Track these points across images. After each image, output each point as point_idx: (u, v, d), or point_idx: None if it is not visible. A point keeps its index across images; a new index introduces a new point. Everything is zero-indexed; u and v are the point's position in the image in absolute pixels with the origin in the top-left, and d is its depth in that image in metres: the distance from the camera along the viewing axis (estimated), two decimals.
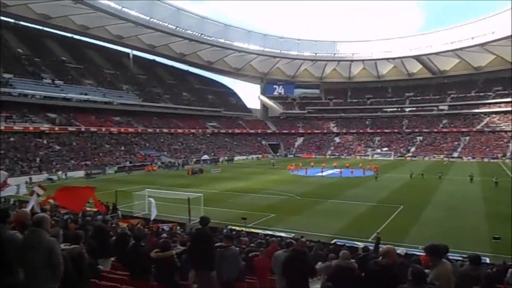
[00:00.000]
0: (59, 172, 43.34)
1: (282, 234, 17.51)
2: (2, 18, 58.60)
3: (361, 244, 16.54)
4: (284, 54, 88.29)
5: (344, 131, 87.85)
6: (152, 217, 19.64)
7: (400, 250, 8.71)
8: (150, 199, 21.19)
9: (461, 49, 74.82)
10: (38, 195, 16.60)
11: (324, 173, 47.15)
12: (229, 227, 18.76)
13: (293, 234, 18.09)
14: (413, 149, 75.63)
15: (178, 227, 18.75)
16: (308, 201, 28.93)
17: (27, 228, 4.26)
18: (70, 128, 54.02)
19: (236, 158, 69.85)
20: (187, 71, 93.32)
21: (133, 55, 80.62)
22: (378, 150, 76.78)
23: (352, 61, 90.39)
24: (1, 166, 39.90)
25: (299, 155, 79.58)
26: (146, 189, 26.44)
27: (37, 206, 14.68)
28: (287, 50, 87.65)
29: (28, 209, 12.07)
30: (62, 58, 66.63)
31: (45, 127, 51.15)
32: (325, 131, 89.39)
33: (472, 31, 70.95)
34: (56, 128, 52.32)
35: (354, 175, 44.27)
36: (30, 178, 38.70)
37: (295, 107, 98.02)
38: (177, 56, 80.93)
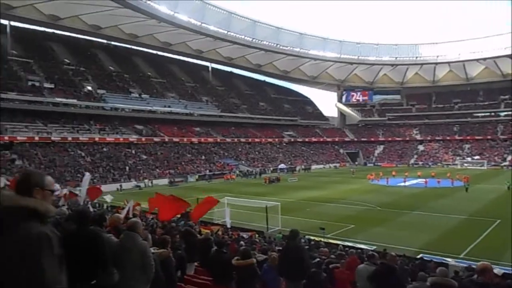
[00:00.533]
0: (146, 180, 46.44)
1: (363, 246, 16.91)
2: (96, 39, 64.99)
3: (451, 260, 15.39)
4: (362, 60, 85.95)
5: (428, 138, 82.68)
6: (228, 225, 20.06)
7: (497, 270, 7.93)
8: (226, 208, 21.56)
9: None
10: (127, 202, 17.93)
11: (407, 183, 44.72)
12: (306, 237, 18.54)
13: (374, 247, 17.37)
14: (509, 157, 68.78)
15: (257, 235, 18.99)
16: (390, 212, 27.60)
17: (120, 232, 4.62)
18: (155, 139, 57.86)
19: (313, 167, 69.20)
20: (264, 81, 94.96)
21: (212, 68, 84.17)
22: (469, 159, 71.05)
23: (436, 63, 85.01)
24: (96, 174, 44.01)
25: (379, 164, 76.50)
26: (226, 197, 27.13)
27: (131, 211, 15.85)
28: (365, 56, 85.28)
29: (123, 214, 13.07)
30: (148, 74, 71.86)
31: (133, 138, 55.38)
32: (407, 138, 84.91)
33: None
34: (143, 139, 56.39)
35: (441, 185, 41.36)
36: (121, 185, 42.02)
37: (374, 114, 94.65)
38: (254, 67, 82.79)
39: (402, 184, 44.17)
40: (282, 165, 64.07)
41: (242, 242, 13.48)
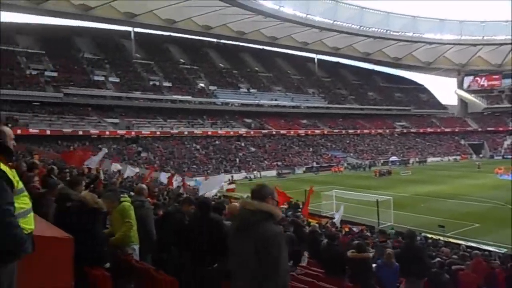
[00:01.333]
0: (255, 172, 48.14)
1: (490, 248, 15.21)
2: (207, 39, 69.09)
3: None
4: (488, 41, 76.83)
5: None
6: (337, 222, 19.62)
7: None
8: (341, 207, 20.92)
9: None
10: None
11: None
12: (423, 234, 17.30)
13: (504, 250, 15.54)
14: None
15: (367, 230, 18.40)
16: None
17: None
18: (263, 132, 59.58)
19: (429, 159, 64.37)
20: (372, 70, 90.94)
21: (318, 60, 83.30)
22: None
23: None
24: (209, 165, 47.00)
25: (509, 156, 67.90)
26: (334, 190, 26.81)
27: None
28: (491, 35, 76.14)
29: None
30: (255, 69, 74.10)
31: (242, 131, 57.79)
32: None
33: None
34: (252, 132, 58.49)
35: None
36: (232, 176, 44.13)
37: (503, 101, 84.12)
38: (361, 56, 79.81)
39: None
40: (393, 158, 60.79)
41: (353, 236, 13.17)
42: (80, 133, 43.93)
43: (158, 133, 50.43)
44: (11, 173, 2.38)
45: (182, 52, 68.61)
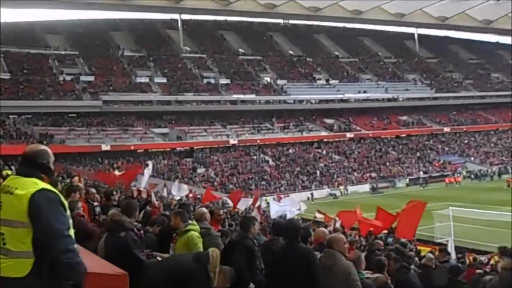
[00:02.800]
0: (341, 187, 47.47)
1: None
2: (271, 20, 69.85)
3: None
4: None
5: None
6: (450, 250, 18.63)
7: None
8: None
9: None
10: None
11: None
12: None
13: None
14: None
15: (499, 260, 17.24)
16: None
17: (323, 248, 5.17)
18: (349, 135, 58.91)
19: None
20: (497, 43, 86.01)
21: (419, 35, 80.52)
22: None
23: None
24: (282, 180, 47.29)
25: None
26: (450, 207, 25.65)
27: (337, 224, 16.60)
28: None
29: (329, 228, 13.93)
30: (335, 54, 73.54)
31: (322, 135, 57.64)
32: None
33: None
34: (335, 136, 58.20)
35: None
36: (312, 194, 43.99)
37: None
38: (481, 25, 75.70)
39: None
40: None
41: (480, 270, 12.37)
42: (121, 148, 46.34)
43: (216, 143, 51.91)
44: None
45: (240, 40, 70.09)
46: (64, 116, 47.58)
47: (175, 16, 63.71)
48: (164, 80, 56.48)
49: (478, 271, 11.60)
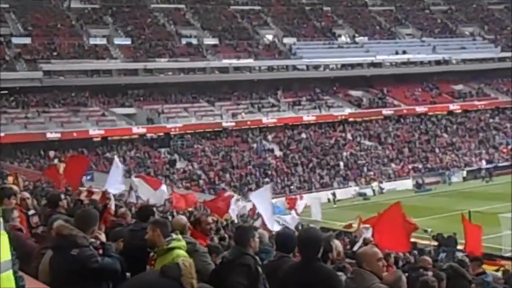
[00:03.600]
0: (374, 184, 47.07)
1: None
2: None
3: None
4: None
5: None
6: None
7: None
8: None
9: None
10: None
11: None
12: None
13: None
14: None
15: None
16: None
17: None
18: (384, 111, 58.45)
19: None
20: None
21: None
22: None
23: None
24: (292, 177, 46.76)
25: None
26: None
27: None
28: None
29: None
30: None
31: (346, 113, 56.82)
32: None
33: None
34: (364, 113, 57.64)
35: None
36: (334, 194, 43.42)
37: None
38: None
39: None
40: None
41: None
42: (74, 135, 45.44)
43: (202, 126, 51.19)
44: None
45: None
46: None
47: None
48: (128, 42, 55.56)
49: None
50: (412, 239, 16.54)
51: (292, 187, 44.62)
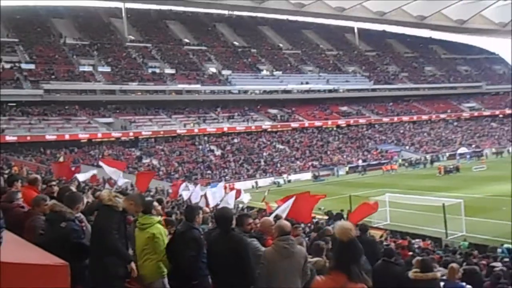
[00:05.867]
0: (285, 175, 48.15)
1: None
2: (216, 11, 69.47)
3: None
4: None
5: None
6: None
7: None
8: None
9: None
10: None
11: None
12: (505, 245, 16.98)
13: None
14: None
15: (431, 243, 18.32)
16: None
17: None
18: (293, 124, 59.89)
19: (509, 149, 62.73)
20: (430, 39, 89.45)
21: (359, 29, 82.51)
22: None
23: None
24: (227, 169, 47.41)
25: None
26: (387, 194, 26.67)
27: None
28: None
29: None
30: (278, 45, 74.19)
31: (266, 125, 58.17)
32: None
33: None
34: (278, 125, 58.97)
35: None
36: (256, 182, 44.36)
37: None
38: (415, 21, 78.34)
39: None
40: (462, 149, 59.58)
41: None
42: (67, 137, 44.98)
43: (162, 132, 51.30)
44: None
45: (185, 30, 69.34)
46: (3, 105, 45.44)
47: (119, 4, 62.12)
48: (108, 69, 55.09)
49: (411, 253, 12.31)
50: (313, 214, 16.12)
51: (227, 177, 45.13)
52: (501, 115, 74.19)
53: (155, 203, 6.94)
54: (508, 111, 75.07)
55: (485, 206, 27.42)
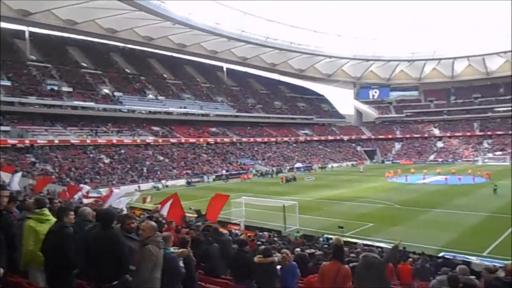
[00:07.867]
0: (163, 181, 46.88)
1: (382, 245, 16.74)
2: (112, 42, 65.97)
3: (474, 259, 15.14)
4: (378, 57, 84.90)
5: (448, 134, 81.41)
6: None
7: None
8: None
9: None
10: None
11: (426, 180, 44.12)
12: (325, 235, 18.47)
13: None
14: None
15: (275, 235, 18.98)
16: (410, 210, 27.21)
17: None
18: (171, 140, 58.45)
19: (330, 165, 68.70)
20: (279, 81, 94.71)
21: (227, 68, 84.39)
22: (490, 155, 69.60)
23: (455, 58, 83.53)
24: (114, 175, 44.69)
25: (397, 161, 75.59)
26: (243, 197, 27.30)
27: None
28: (381, 53, 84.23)
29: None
30: (163, 75, 72.55)
31: (150, 139, 56.02)
32: (426, 135, 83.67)
33: None
34: (160, 140, 56.98)
35: (462, 182, 40.61)
36: (139, 186, 42.44)
37: (391, 111, 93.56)
38: (268, 66, 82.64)
39: (422, 181, 43.56)
40: (298, 164, 63.79)
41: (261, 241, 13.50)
42: None
43: (56, 141, 46.46)
44: None
45: (84, 56, 64.52)
46: None
47: (23, 27, 55.73)
48: (9, 83, 48.57)
49: (258, 242, 12.74)
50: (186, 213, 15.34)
51: (114, 182, 42.59)
52: (325, 141, 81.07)
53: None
54: (330, 138, 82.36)
55: (313, 206, 29.27)
